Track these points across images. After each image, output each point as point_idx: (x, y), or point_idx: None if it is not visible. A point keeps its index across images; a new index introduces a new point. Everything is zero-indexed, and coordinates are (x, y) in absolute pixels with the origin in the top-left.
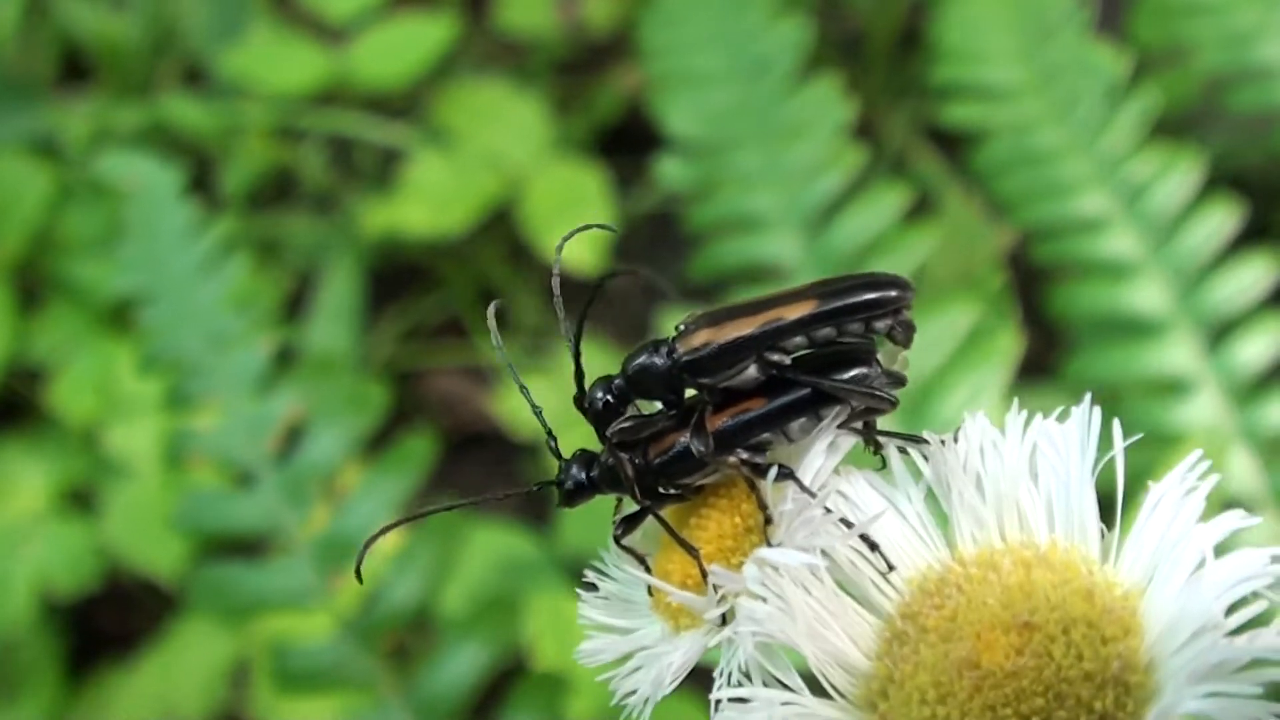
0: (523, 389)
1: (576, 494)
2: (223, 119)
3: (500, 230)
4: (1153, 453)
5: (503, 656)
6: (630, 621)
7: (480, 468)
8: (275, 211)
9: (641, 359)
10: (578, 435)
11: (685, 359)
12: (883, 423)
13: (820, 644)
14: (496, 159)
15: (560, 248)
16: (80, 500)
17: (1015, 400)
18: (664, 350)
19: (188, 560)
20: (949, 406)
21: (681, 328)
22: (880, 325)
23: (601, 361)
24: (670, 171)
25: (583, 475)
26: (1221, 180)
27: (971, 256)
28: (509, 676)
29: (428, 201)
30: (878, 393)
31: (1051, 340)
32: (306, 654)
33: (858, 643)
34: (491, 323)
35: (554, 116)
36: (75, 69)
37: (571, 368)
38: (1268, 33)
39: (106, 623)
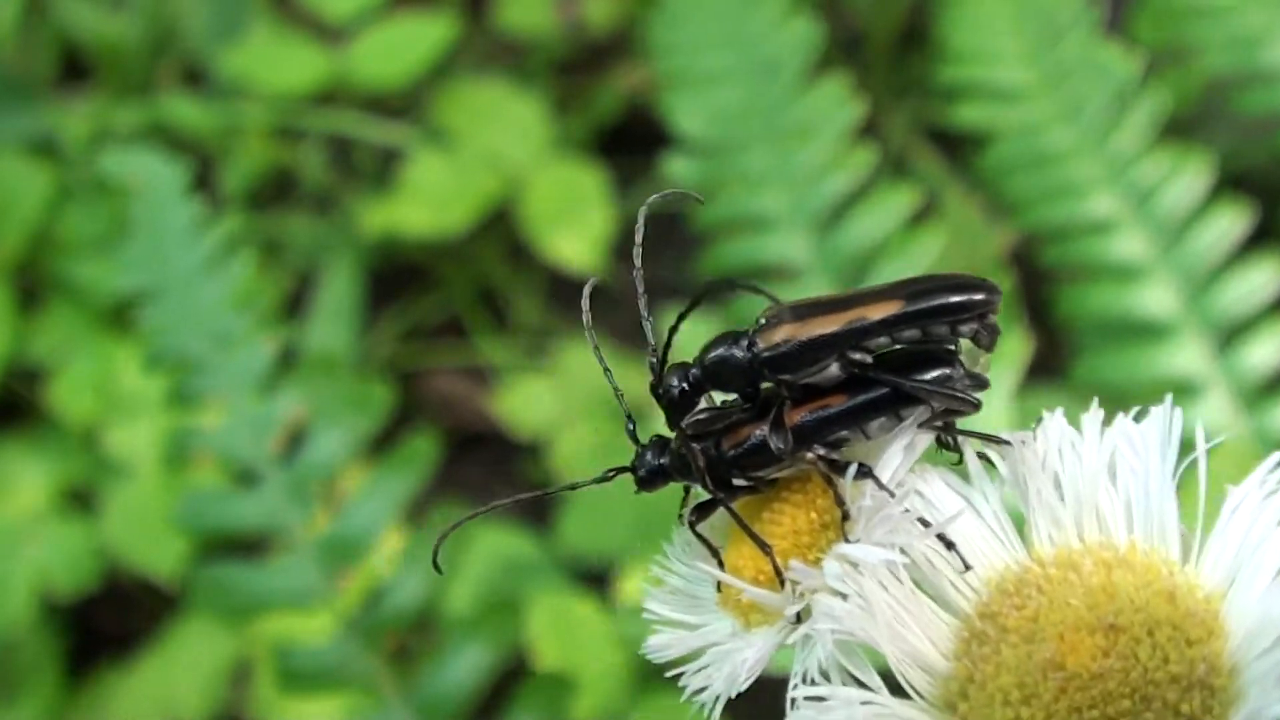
0: (606, 371)
1: (651, 480)
2: (222, 119)
3: (500, 230)
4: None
5: (506, 657)
6: (698, 617)
7: (481, 468)
8: (275, 211)
9: (720, 350)
10: (575, 435)
11: (766, 354)
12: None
13: (899, 643)
14: (496, 159)
15: (638, 239)
16: (80, 500)
17: (1094, 402)
18: (744, 343)
19: (188, 560)
20: None
21: (762, 321)
22: (966, 329)
23: (615, 354)
24: (678, 170)
25: (657, 461)
26: (1225, 182)
27: (974, 258)
28: (512, 677)
29: (427, 201)
30: (960, 394)
31: (1055, 343)
32: (309, 654)
33: (935, 643)
34: (586, 302)
35: (553, 116)
36: (75, 69)
37: (653, 356)
38: (1275, 35)
39: (106, 623)
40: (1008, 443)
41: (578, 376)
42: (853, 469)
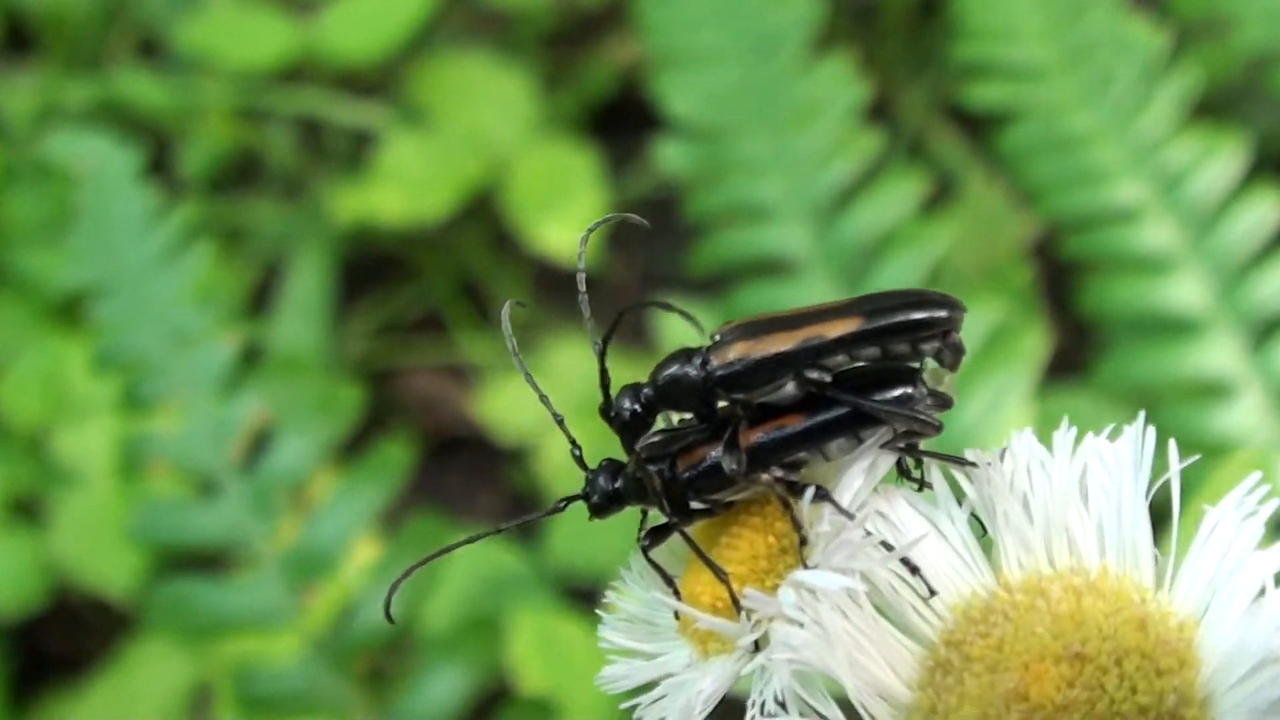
0: (543, 399)
1: (605, 507)
2: (180, 96)
3: (483, 217)
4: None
5: (487, 679)
6: (655, 646)
7: (462, 474)
8: (238, 197)
9: (673, 369)
10: (563, 440)
11: (720, 372)
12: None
13: (860, 673)
14: (479, 140)
15: (584, 243)
16: (26, 510)
17: (1064, 418)
18: (697, 361)
19: (144, 576)
20: (969, 412)
21: (716, 337)
22: (927, 347)
23: (588, 353)
24: (670, 156)
25: (610, 487)
26: (1265, 165)
27: (995, 248)
28: (493, 702)
29: (404, 186)
30: (921, 415)
31: (1082, 339)
32: (273, 677)
33: (898, 671)
34: (506, 326)
35: (542, 93)
36: (18, 38)
37: (598, 376)
38: None
39: (54, 643)
40: (974, 464)
41: (567, 376)
42: (810, 492)
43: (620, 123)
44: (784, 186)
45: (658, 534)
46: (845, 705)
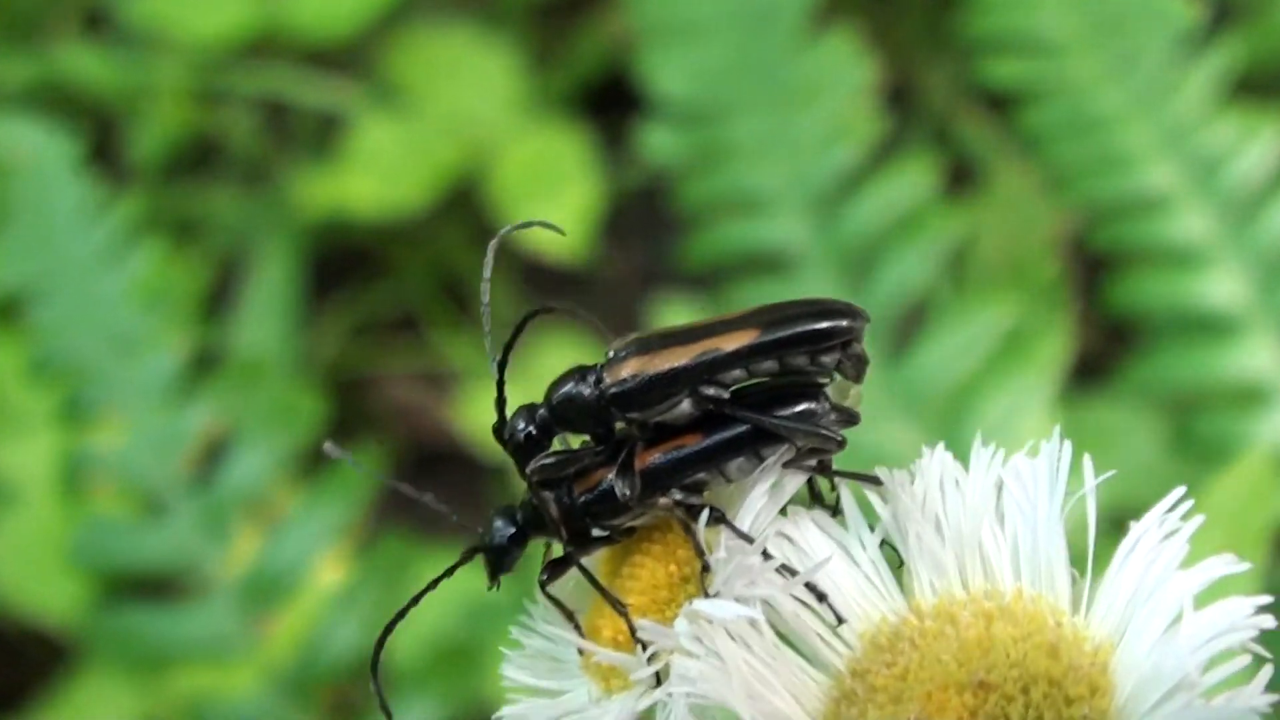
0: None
1: (506, 553)
2: (129, 74)
3: (464, 208)
4: (1222, 471)
5: (463, 713)
6: (558, 682)
7: (442, 492)
8: (193, 187)
9: (566, 388)
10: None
11: (613, 390)
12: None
13: (759, 704)
14: (459, 122)
15: (495, 245)
16: None
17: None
18: (591, 379)
19: (86, 603)
20: (986, 419)
21: (610, 354)
22: (827, 359)
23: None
24: (658, 141)
25: (510, 529)
26: None
27: (1026, 240)
28: None
29: (377, 174)
30: (823, 431)
31: (1119, 339)
32: (229, 713)
33: (802, 703)
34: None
35: (528, 71)
36: None
37: (494, 395)
38: None
39: None
40: (881, 483)
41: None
42: (705, 515)
43: (614, 103)
44: (782, 173)
45: (556, 567)
46: None
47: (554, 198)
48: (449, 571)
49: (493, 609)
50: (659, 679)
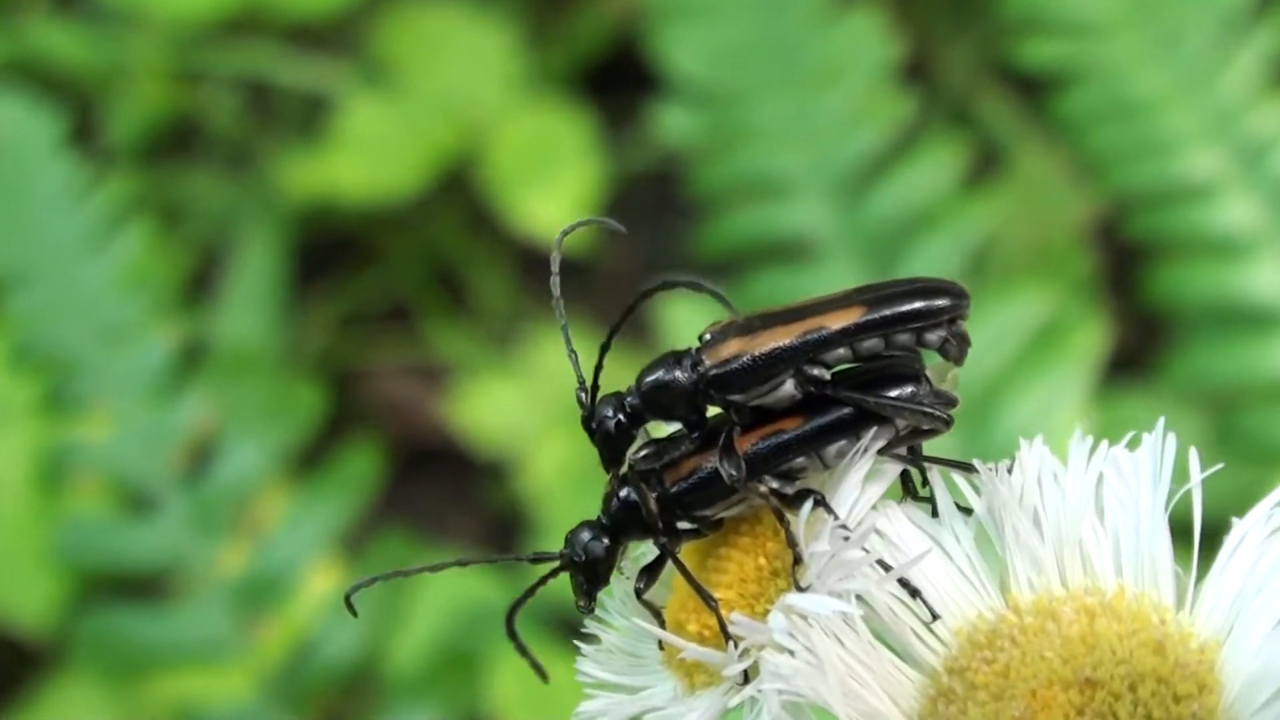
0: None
1: (599, 565)
2: (105, 53)
3: (458, 193)
4: (1267, 471)
5: None
6: (638, 679)
7: (435, 490)
8: (173, 170)
9: (660, 373)
10: (552, 451)
11: (714, 373)
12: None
13: (855, 703)
14: (452, 102)
15: (560, 241)
16: None
17: (1080, 422)
18: (688, 363)
19: (63, 606)
20: (1016, 417)
21: (707, 336)
22: (932, 337)
23: (585, 350)
24: (674, 122)
25: (601, 538)
26: None
27: (1051, 229)
28: None
29: (365, 156)
30: (929, 409)
31: (1151, 334)
32: None
33: (898, 701)
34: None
35: (525, 47)
36: None
37: (576, 384)
38: None
39: None
40: (976, 471)
41: (554, 376)
42: (808, 504)
43: (617, 82)
44: (803, 157)
45: (652, 570)
46: None
47: (552, 181)
48: (531, 591)
49: (495, 617)
50: (746, 677)
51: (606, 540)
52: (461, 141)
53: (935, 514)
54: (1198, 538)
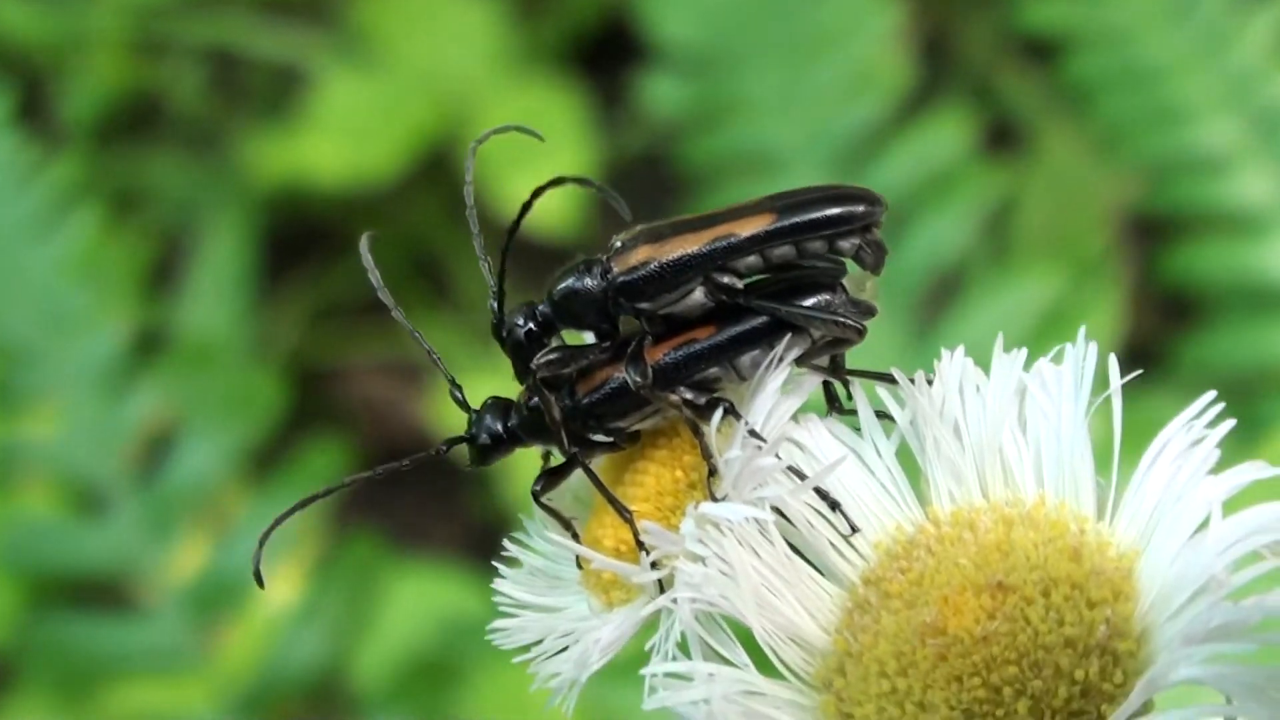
0: (431, 355)
1: (492, 449)
2: (58, 23)
3: (440, 176)
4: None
5: None
6: (556, 599)
7: (413, 491)
8: (133, 151)
9: (570, 280)
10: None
11: (621, 279)
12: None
13: (770, 614)
14: (434, 79)
15: (472, 152)
16: None
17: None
18: (597, 270)
19: (14, 613)
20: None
21: (618, 244)
22: (846, 244)
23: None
24: (662, 92)
25: (499, 425)
26: None
27: (1074, 208)
28: None
29: (341, 137)
30: (842, 319)
31: (1174, 318)
32: None
33: (815, 615)
34: (367, 259)
35: (513, 20)
36: None
37: (492, 290)
38: None
39: None
40: (895, 381)
41: None
42: (719, 412)
43: (611, 57)
44: (799, 129)
45: (553, 476)
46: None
47: (542, 164)
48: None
49: (469, 625)
50: (662, 588)
51: (501, 432)
52: (444, 121)
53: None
54: (1117, 448)
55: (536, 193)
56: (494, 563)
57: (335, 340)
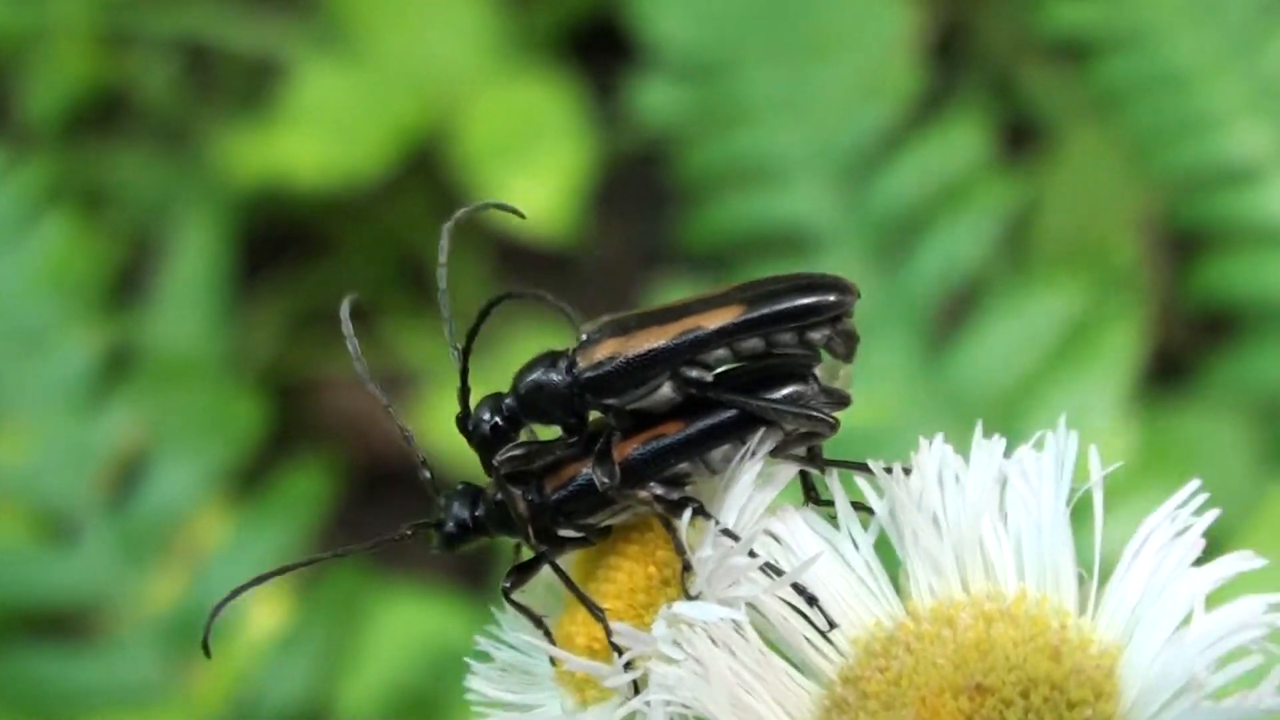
0: (386, 406)
1: (458, 538)
2: (18, 13)
3: (426, 175)
4: None
5: None
6: (529, 697)
7: (399, 515)
8: (98, 149)
9: (535, 374)
10: None
11: (587, 375)
12: None
13: (744, 714)
14: (421, 71)
15: (450, 228)
16: None
17: (978, 426)
18: (562, 364)
19: None
20: (1045, 425)
21: (584, 337)
22: (816, 335)
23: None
24: (656, 98)
25: (466, 514)
26: None
27: (1099, 215)
28: None
29: (321, 133)
30: (814, 413)
31: (1206, 333)
32: None
33: (790, 713)
34: (347, 326)
35: (503, 8)
36: None
37: (458, 383)
38: None
39: None
40: (872, 471)
41: None
42: (689, 511)
43: (609, 48)
44: (803, 136)
45: (524, 571)
46: None
47: (533, 162)
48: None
49: (455, 657)
50: (636, 688)
51: (468, 523)
52: (431, 116)
53: None
54: (1098, 540)
55: (490, 305)
56: (466, 659)
57: (314, 349)
